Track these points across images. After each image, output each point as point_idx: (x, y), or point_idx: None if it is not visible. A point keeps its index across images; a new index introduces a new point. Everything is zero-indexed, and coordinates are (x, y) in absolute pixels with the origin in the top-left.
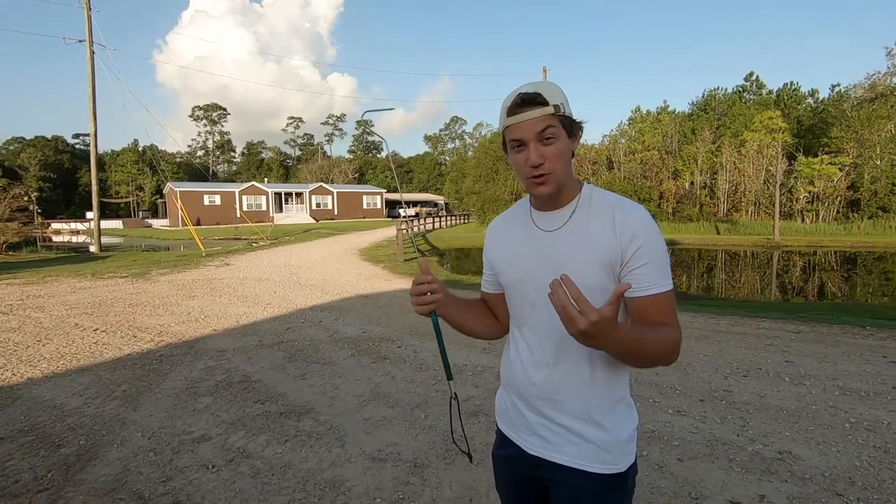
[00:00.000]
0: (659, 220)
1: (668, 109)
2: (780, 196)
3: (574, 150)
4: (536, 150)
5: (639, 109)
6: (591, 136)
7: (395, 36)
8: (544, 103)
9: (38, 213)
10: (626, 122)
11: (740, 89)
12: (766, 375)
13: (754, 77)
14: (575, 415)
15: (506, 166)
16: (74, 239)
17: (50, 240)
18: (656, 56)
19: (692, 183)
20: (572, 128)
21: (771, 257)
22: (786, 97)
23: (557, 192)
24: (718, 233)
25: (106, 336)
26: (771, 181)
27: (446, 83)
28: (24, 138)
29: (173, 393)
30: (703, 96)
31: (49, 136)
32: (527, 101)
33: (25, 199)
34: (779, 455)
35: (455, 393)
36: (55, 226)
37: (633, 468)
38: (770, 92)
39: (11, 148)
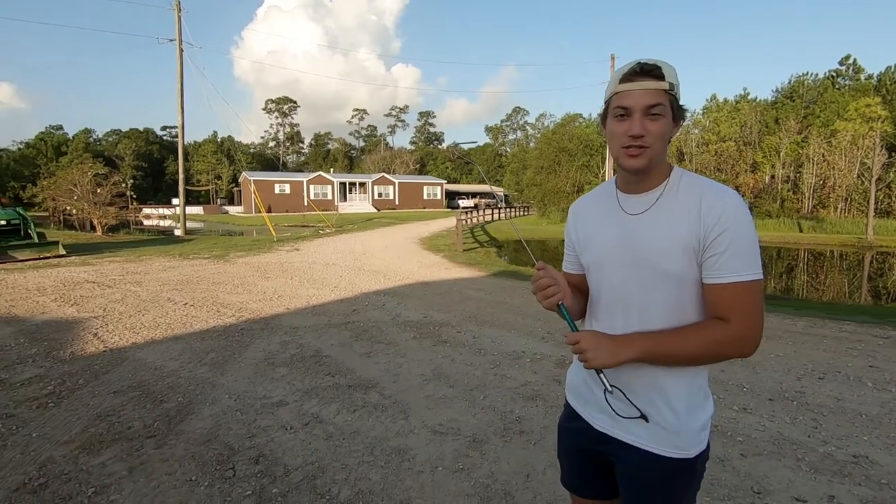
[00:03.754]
0: None
1: (748, 97)
2: (877, 192)
3: (673, 136)
4: (641, 122)
5: (714, 98)
6: None
7: (460, 25)
8: (660, 77)
9: (132, 198)
10: (700, 112)
11: (833, 74)
12: (845, 379)
13: (851, 60)
14: (647, 397)
15: (568, 158)
16: (162, 223)
17: (141, 223)
18: (737, 39)
19: (773, 176)
20: (679, 113)
21: (862, 259)
22: (888, 83)
23: (648, 170)
24: (801, 230)
25: (194, 310)
26: (866, 175)
27: (511, 73)
28: (120, 130)
29: (254, 362)
30: (789, 82)
31: (141, 129)
32: (645, 70)
33: (123, 185)
34: (853, 458)
35: None
36: (146, 210)
37: (703, 455)
38: (869, 77)
39: (110, 139)
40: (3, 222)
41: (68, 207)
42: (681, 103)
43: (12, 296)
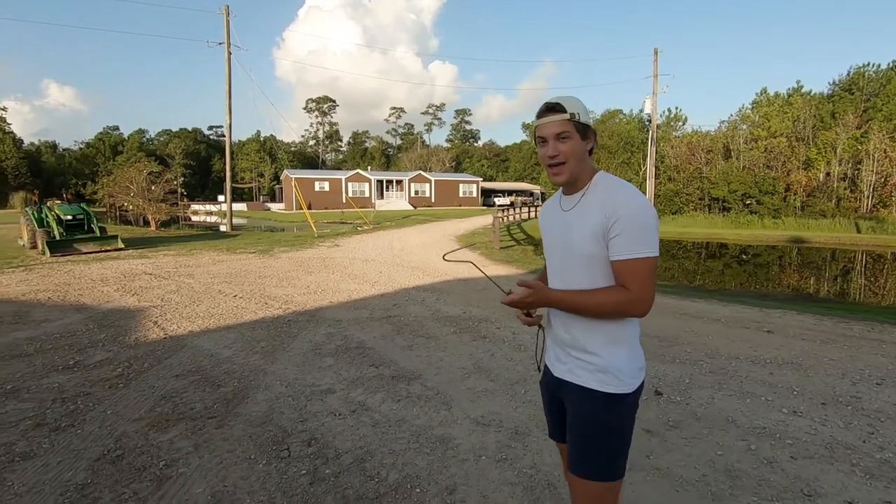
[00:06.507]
0: (784, 215)
1: (802, 91)
2: None
3: (591, 149)
4: (554, 145)
5: (765, 92)
6: (707, 121)
7: (499, 21)
8: (562, 111)
9: (183, 195)
10: (749, 106)
11: None
12: None
13: None
14: (576, 346)
15: (608, 155)
16: (208, 219)
17: (189, 219)
18: (790, 30)
19: (828, 174)
20: (586, 132)
21: None
22: None
23: (572, 180)
24: (859, 231)
25: (243, 301)
26: None
27: (550, 68)
28: (170, 130)
29: (301, 352)
30: (847, 74)
31: (189, 128)
32: (549, 108)
33: (175, 183)
34: None
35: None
36: (193, 207)
37: (629, 396)
38: None
39: (161, 139)
40: (70, 217)
41: (125, 203)
42: (586, 124)
43: (80, 286)
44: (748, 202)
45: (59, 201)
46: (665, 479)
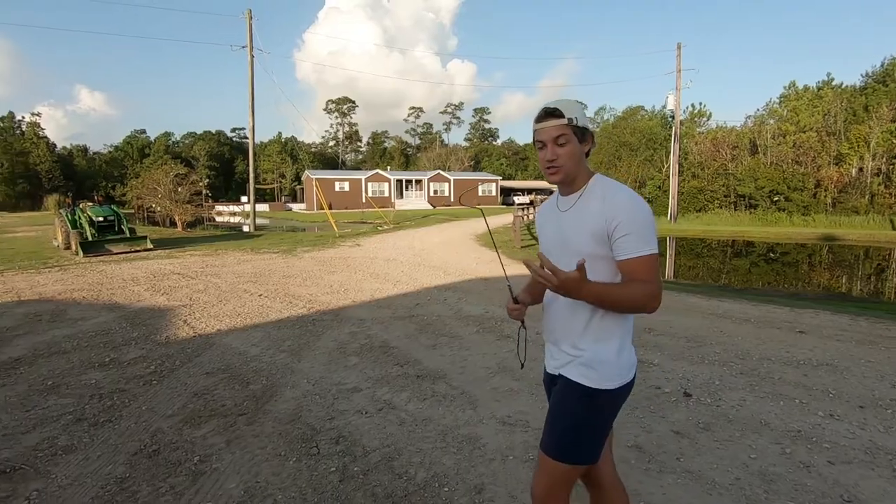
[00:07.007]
0: (814, 212)
1: (833, 84)
2: None
3: (588, 151)
4: (552, 149)
5: (794, 85)
6: (732, 117)
7: (518, 18)
8: (560, 116)
9: (208, 196)
10: (777, 101)
11: None
12: None
13: None
14: (567, 342)
15: (630, 152)
16: (232, 220)
17: (214, 220)
18: (819, 19)
19: (861, 169)
20: (583, 135)
21: None
22: None
23: (569, 181)
24: (895, 228)
25: (268, 301)
26: None
27: (570, 65)
28: (195, 133)
29: (327, 351)
30: (882, 65)
31: (213, 131)
32: (548, 113)
33: (200, 184)
34: None
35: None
36: (217, 208)
37: (607, 393)
38: None
39: (187, 141)
40: (101, 219)
41: (153, 205)
42: (584, 127)
43: (112, 285)
44: (776, 199)
45: (90, 203)
46: (696, 481)
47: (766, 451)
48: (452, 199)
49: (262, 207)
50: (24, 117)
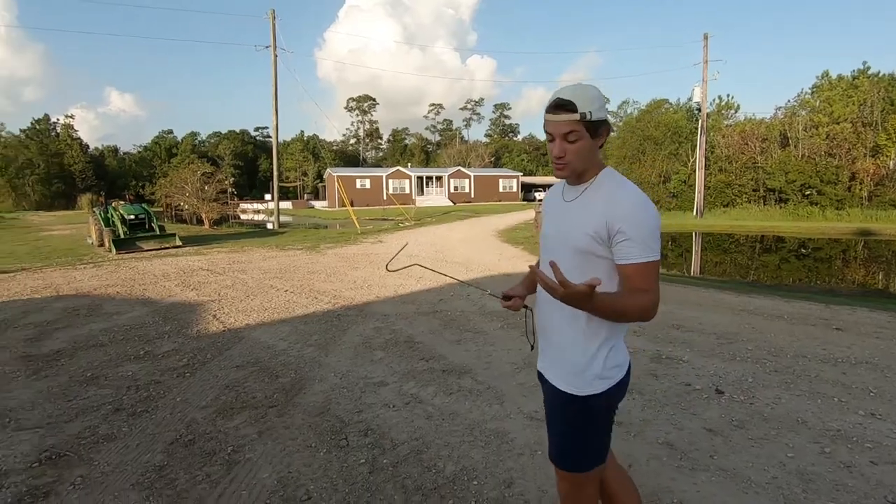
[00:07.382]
0: (849, 206)
1: (869, 72)
2: None
3: (602, 144)
4: (561, 145)
5: (827, 75)
6: (761, 109)
7: (538, 11)
8: (573, 110)
9: (233, 194)
10: (809, 91)
11: None
12: None
13: None
14: (559, 345)
15: (654, 146)
16: (256, 217)
17: (238, 217)
18: (854, 4)
19: None
20: (598, 129)
21: None
22: None
23: (575, 176)
24: None
25: (294, 296)
26: None
27: (592, 58)
28: (220, 132)
29: (353, 345)
30: None
31: (237, 130)
32: (560, 105)
33: (226, 182)
34: None
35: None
36: (242, 205)
37: (591, 398)
38: None
39: (212, 140)
40: (133, 217)
41: (180, 203)
42: (599, 121)
43: (144, 281)
44: (808, 193)
45: (122, 202)
46: (732, 480)
47: (804, 450)
48: (473, 196)
49: (286, 205)
50: (58, 119)
